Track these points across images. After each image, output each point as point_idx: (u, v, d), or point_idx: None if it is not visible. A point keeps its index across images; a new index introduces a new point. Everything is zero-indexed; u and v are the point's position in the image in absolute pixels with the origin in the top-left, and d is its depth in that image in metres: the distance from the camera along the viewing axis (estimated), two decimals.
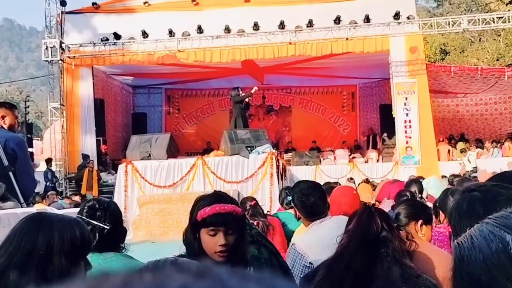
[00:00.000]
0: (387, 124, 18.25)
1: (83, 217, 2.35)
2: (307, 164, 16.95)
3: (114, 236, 2.44)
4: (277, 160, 13.38)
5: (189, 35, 16.85)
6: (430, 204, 3.95)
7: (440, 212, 3.62)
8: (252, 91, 15.83)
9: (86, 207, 2.45)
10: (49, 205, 9.24)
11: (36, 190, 14.63)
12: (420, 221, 2.88)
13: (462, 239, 0.90)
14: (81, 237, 1.67)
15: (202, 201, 2.14)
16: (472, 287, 0.81)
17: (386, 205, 3.85)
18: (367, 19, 16.15)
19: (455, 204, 1.72)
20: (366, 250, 2.13)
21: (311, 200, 3.30)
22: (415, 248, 2.49)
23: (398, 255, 2.12)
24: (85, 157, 16.44)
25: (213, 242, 2.07)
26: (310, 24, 16.39)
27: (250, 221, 2.78)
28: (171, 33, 16.84)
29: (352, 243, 2.18)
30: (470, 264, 0.83)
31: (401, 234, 2.94)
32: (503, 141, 19.06)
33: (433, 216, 3.34)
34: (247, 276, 0.46)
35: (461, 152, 17.43)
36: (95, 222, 2.36)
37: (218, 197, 2.16)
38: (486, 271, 0.79)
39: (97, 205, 2.43)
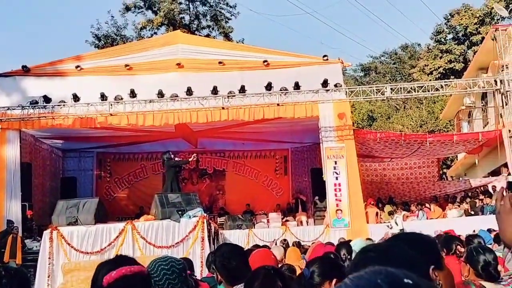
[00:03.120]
0: (318, 187, 18.52)
1: None
2: (240, 228, 16.92)
3: None
4: (209, 224, 13.29)
5: (121, 99, 16.69)
6: None
7: None
8: (190, 159, 15.92)
9: None
10: None
11: None
12: (334, 280, 2.89)
13: None
14: None
15: (106, 267, 2.09)
16: None
17: None
18: (297, 86, 16.67)
19: (352, 265, 1.77)
20: None
21: (232, 264, 3.28)
22: None
23: None
24: (9, 223, 15.73)
25: None
26: (242, 90, 16.73)
27: None
28: (103, 97, 16.64)
29: None
30: None
31: None
32: (427, 203, 19.81)
33: None
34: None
35: (389, 214, 17.92)
36: None
37: (122, 260, 2.13)
38: None
39: (3, 272, 2.34)
